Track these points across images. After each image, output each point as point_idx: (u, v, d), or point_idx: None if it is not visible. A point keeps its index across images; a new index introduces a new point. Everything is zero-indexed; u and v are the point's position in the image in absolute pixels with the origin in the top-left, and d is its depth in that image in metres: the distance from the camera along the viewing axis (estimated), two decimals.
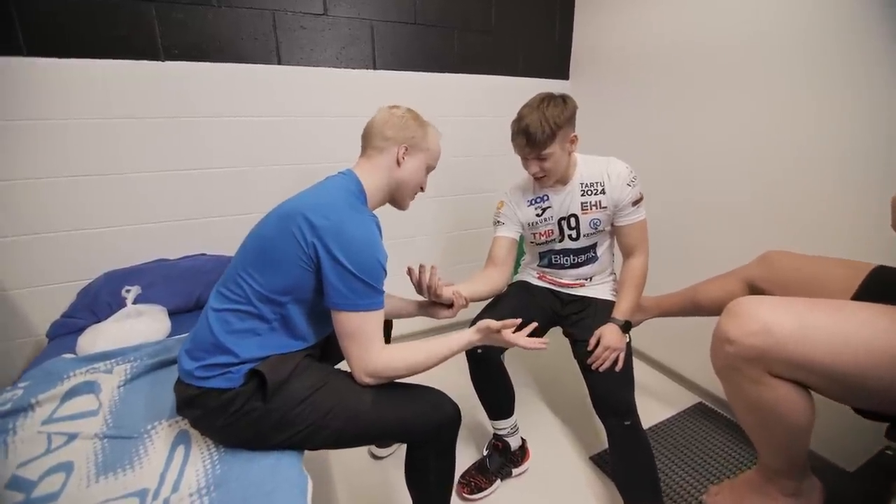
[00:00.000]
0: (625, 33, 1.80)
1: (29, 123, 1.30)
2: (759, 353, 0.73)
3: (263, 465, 0.80)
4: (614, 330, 1.23)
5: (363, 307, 0.81)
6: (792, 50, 1.30)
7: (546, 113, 1.16)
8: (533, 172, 1.24)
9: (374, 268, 0.82)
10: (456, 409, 0.93)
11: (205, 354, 0.80)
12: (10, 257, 1.36)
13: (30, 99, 1.29)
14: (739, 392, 0.80)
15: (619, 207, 1.29)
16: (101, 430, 0.88)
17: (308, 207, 0.82)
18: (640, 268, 1.32)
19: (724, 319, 0.79)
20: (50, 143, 1.33)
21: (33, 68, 1.28)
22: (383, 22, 1.70)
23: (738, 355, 0.76)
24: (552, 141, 1.17)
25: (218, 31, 1.47)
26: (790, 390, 0.74)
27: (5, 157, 1.29)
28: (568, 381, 1.74)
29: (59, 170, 1.36)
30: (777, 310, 0.74)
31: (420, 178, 1.03)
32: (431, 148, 1.02)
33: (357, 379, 0.85)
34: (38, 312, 1.40)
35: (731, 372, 0.79)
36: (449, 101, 1.89)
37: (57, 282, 1.43)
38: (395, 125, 0.97)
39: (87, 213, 1.43)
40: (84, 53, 1.32)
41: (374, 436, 0.88)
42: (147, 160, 1.47)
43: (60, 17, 1.28)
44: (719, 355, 0.80)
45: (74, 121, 1.35)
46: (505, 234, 1.36)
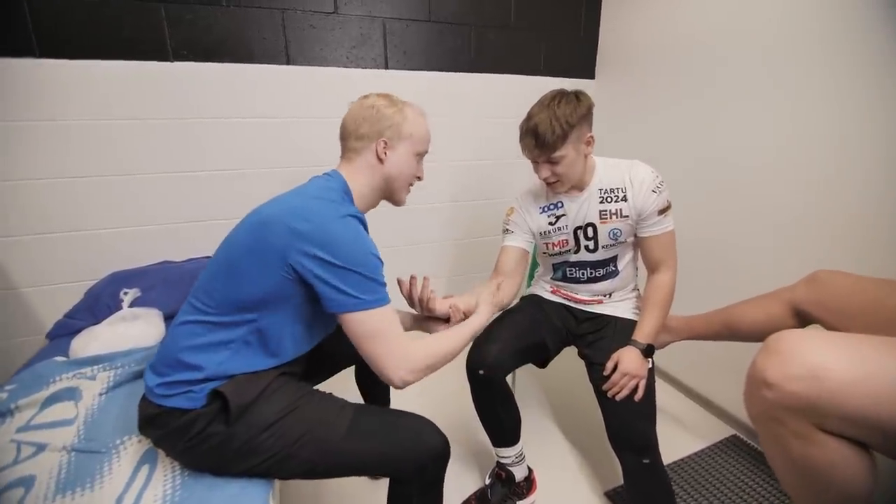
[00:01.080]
0: (657, 26, 1.65)
1: (39, 124, 1.31)
2: (806, 404, 0.59)
3: (226, 493, 0.73)
4: (634, 354, 1.10)
5: (373, 303, 0.75)
6: (852, 40, 1.13)
7: (557, 111, 1.05)
8: (544, 177, 1.12)
9: (369, 260, 0.76)
10: (443, 443, 0.83)
11: (168, 370, 0.74)
12: (18, 256, 1.38)
13: (42, 100, 1.31)
14: (780, 447, 0.66)
15: (642, 217, 1.15)
16: (71, 443, 0.84)
17: (287, 213, 0.75)
18: (666, 285, 1.18)
19: (761, 357, 0.65)
20: (58, 143, 1.34)
21: (46, 69, 1.29)
22: (396, 20, 1.64)
23: (778, 403, 0.62)
24: (564, 142, 1.06)
25: (226, 31, 1.45)
26: (846, 451, 0.60)
27: (15, 157, 1.31)
28: (583, 406, 1.60)
29: (65, 170, 1.37)
30: (830, 349, 0.60)
31: (410, 169, 0.94)
32: (415, 133, 0.92)
33: (397, 381, 0.77)
34: (45, 311, 1.42)
35: (770, 422, 0.65)
36: (464, 101, 1.80)
37: (66, 281, 1.44)
38: (368, 119, 0.88)
39: (95, 213, 1.43)
40: (94, 55, 1.33)
41: (348, 469, 0.79)
42: (155, 162, 1.46)
43: (72, 19, 1.29)
44: (755, 401, 0.66)
45: (82, 122, 1.36)
46: (513, 243, 1.25)
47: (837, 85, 1.16)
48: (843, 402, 0.57)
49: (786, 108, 1.29)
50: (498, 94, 1.84)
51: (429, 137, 0.97)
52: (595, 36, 1.94)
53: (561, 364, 1.43)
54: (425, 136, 0.96)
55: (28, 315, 1.44)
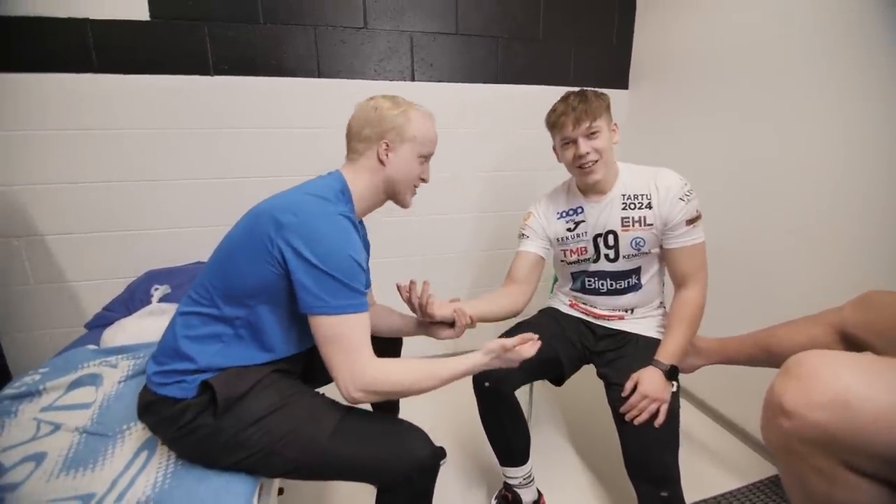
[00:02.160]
0: (694, 34, 1.58)
1: (94, 133, 1.44)
2: (831, 436, 0.51)
3: (212, 486, 0.74)
4: (656, 375, 1.01)
5: (340, 309, 0.73)
6: None
7: (587, 92, 1.08)
8: (582, 153, 1.06)
9: (347, 264, 0.73)
10: (433, 454, 0.79)
11: (165, 359, 0.77)
12: (73, 251, 1.51)
13: (98, 110, 1.44)
14: (799, 484, 0.57)
15: (668, 226, 1.08)
16: (83, 425, 0.89)
17: (277, 206, 0.76)
18: (693, 301, 1.09)
19: (780, 381, 0.57)
20: (111, 150, 1.47)
21: (101, 83, 1.42)
22: (423, 33, 1.67)
23: (798, 434, 0.54)
24: (602, 112, 1.06)
25: (263, 47, 1.54)
26: (876, 494, 0.51)
27: (72, 161, 1.44)
28: (602, 429, 1.49)
29: (115, 174, 1.49)
30: (860, 373, 0.52)
31: (413, 171, 0.92)
32: (419, 135, 0.90)
33: (345, 395, 0.74)
34: (91, 304, 1.53)
35: (789, 456, 0.57)
36: (490, 112, 1.80)
37: (112, 277, 1.55)
38: (371, 121, 0.88)
39: (140, 214, 1.54)
40: (143, 70, 1.45)
41: (333, 472, 0.77)
42: (195, 168, 1.56)
43: (126, 39, 1.41)
44: (772, 430, 0.58)
45: (133, 131, 1.48)
46: (528, 248, 1.21)
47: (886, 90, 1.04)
48: (873, 435, 0.48)
49: (830, 117, 1.17)
50: (525, 105, 1.82)
51: (434, 139, 0.96)
52: (629, 45, 1.88)
53: (580, 382, 1.35)
54: (430, 138, 0.94)
55: (77, 306, 1.56)
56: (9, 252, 1.46)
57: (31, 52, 1.35)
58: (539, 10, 1.76)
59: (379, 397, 0.76)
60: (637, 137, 1.89)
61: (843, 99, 1.14)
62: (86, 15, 1.36)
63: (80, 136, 1.44)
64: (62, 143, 1.43)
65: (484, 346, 0.84)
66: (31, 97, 1.37)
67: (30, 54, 1.35)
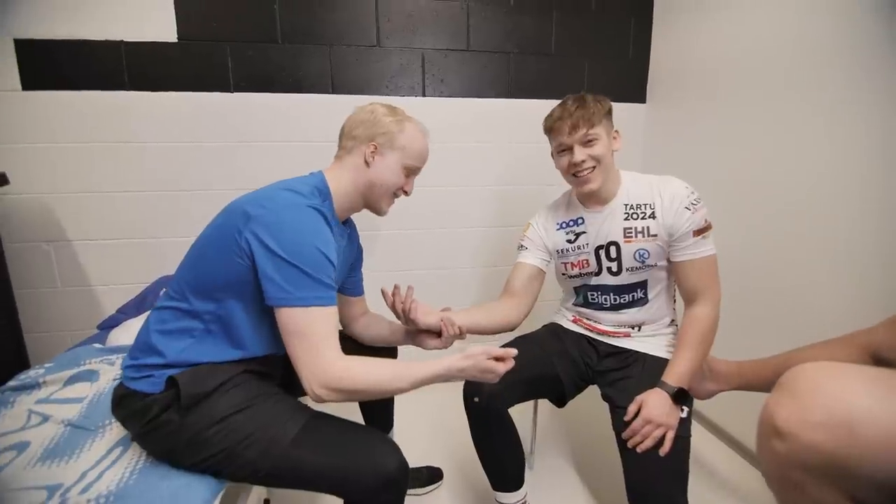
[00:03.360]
0: (713, 47, 1.52)
1: (120, 145, 1.54)
2: (831, 461, 0.43)
3: (173, 486, 0.73)
4: (662, 398, 0.93)
5: (305, 301, 0.71)
6: None
7: (587, 98, 1.02)
8: (578, 161, 1.02)
9: (313, 256, 0.72)
10: (401, 468, 0.75)
11: (138, 353, 0.78)
12: (95, 257, 1.59)
13: (127, 124, 1.54)
14: None
15: (674, 237, 1.01)
16: (70, 417, 0.90)
17: (249, 200, 0.77)
18: (705, 319, 1.00)
19: (773, 397, 0.50)
20: (134, 161, 1.56)
21: (132, 99, 1.52)
22: (434, 50, 1.70)
23: (794, 459, 0.46)
24: (599, 122, 1.00)
25: (280, 65, 1.61)
26: None
27: (98, 172, 1.54)
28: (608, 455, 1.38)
29: (137, 184, 1.57)
30: (866, 388, 0.44)
31: (395, 180, 0.92)
32: (409, 146, 0.91)
33: (310, 392, 0.72)
34: (110, 307, 1.60)
35: (786, 486, 0.49)
36: (501, 127, 1.79)
37: (130, 282, 1.62)
38: (364, 122, 0.90)
39: (159, 223, 1.61)
40: (171, 88, 1.55)
41: (294, 479, 0.74)
42: (213, 179, 1.63)
43: (157, 59, 1.52)
44: (765, 454, 0.50)
45: (156, 144, 1.57)
46: (527, 260, 1.16)
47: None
48: (882, 461, 0.40)
49: (853, 128, 1.08)
50: (537, 119, 1.78)
51: (423, 155, 0.96)
52: (645, 58, 1.84)
53: (586, 404, 1.27)
54: (419, 153, 0.94)
55: (98, 309, 1.64)
56: (40, 256, 1.56)
57: (72, 71, 1.47)
58: (551, 25, 1.76)
59: (345, 396, 0.72)
60: (656, 151, 1.82)
61: (866, 110, 1.06)
62: (121, 38, 1.48)
63: (109, 149, 1.54)
64: (93, 154, 1.53)
65: (469, 350, 0.78)
66: (70, 112, 1.49)
67: (70, 73, 1.47)
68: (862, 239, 1.09)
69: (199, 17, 1.53)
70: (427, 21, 1.68)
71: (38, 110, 1.47)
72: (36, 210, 1.53)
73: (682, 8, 1.66)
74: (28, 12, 1.41)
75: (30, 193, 1.51)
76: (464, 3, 1.69)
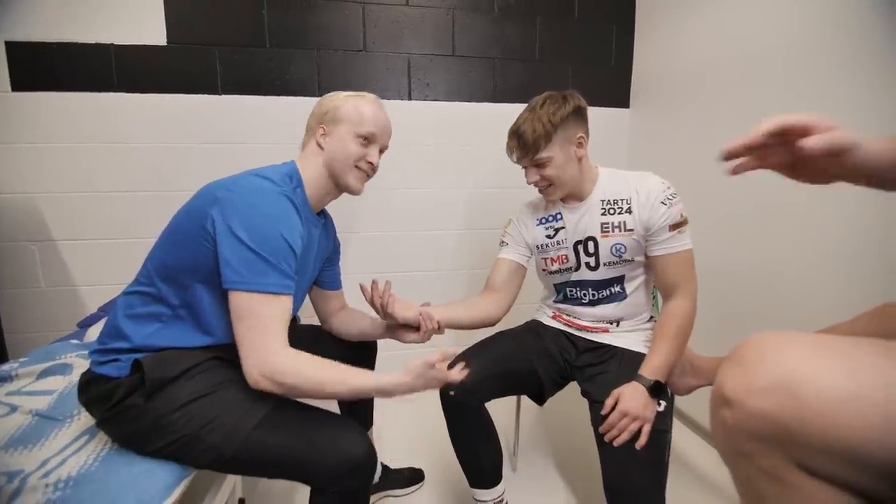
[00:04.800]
0: (694, 52, 1.55)
1: (107, 146, 1.56)
2: (778, 427, 0.43)
3: (135, 471, 0.72)
4: (638, 391, 0.93)
5: (259, 286, 0.70)
6: None
7: (539, 112, 1.00)
8: (532, 181, 1.06)
9: (275, 241, 0.71)
10: (367, 453, 0.74)
11: (106, 338, 0.77)
12: (82, 257, 1.60)
13: (115, 125, 1.55)
14: (751, 492, 0.48)
15: (651, 232, 1.02)
16: (38, 408, 0.89)
17: (219, 184, 0.77)
18: (681, 313, 1.00)
19: (723, 367, 0.50)
20: (123, 162, 1.57)
21: (121, 101, 1.54)
22: (420, 55, 1.74)
23: (742, 428, 0.46)
24: (547, 142, 0.99)
25: (268, 68, 1.64)
26: (838, 501, 0.42)
27: (84, 172, 1.55)
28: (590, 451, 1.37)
29: (124, 184, 1.59)
30: (811, 354, 0.44)
31: (348, 151, 0.89)
32: (352, 114, 0.89)
33: (249, 378, 0.71)
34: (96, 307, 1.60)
35: (739, 459, 0.48)
36: (486, 131, 1.81)
37: (117, 282, 1.61)
38: (314, 112, 0.93)
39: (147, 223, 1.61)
40: (160, 90, 1.57)
41: (259, 466, 0.73)
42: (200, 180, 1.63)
43: (147, 61, 1.55)
44: (716, 426, 0.50)
45: (146, 144, 1.58)
46: (508, 256, 1.17)
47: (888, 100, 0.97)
48: (826, 427, 0.40)
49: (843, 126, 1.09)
50: None
51: (374, 120, 0.92)
52: (628, 64, 1.88)
53: (565, 401, 1.26)
54: (365, 118, 0.90)
55: (82, 310, 1.63)
56: (24, 256, 1.56)
57: (62, 73, 1.50)
58: (535, 32, 1.80)
59: (283, 390, 0.71)
60: (640, 155, 1.85)
61: (842, 109, 1.07)
62: (110, 41, 1.51)
63: (97, 150, 1.55)
64: (80, 155, 1.54)
65: (409, 365, 0.76)
66: (58, 113, 1.51)
67: (60, 75, 1.50)
68: (837, 235, 1.09)
69: (188, 21, 1.56)
70: (413, 27, 1.71)
71: (26, 111, 1.49)
72: (22, 210, 1.54)
73: (662, 15, 1.70)
74: (18, 14, 1.44)
75: (16, 193, 1.53)
76: (449, 10, 1.73)
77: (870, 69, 1.01)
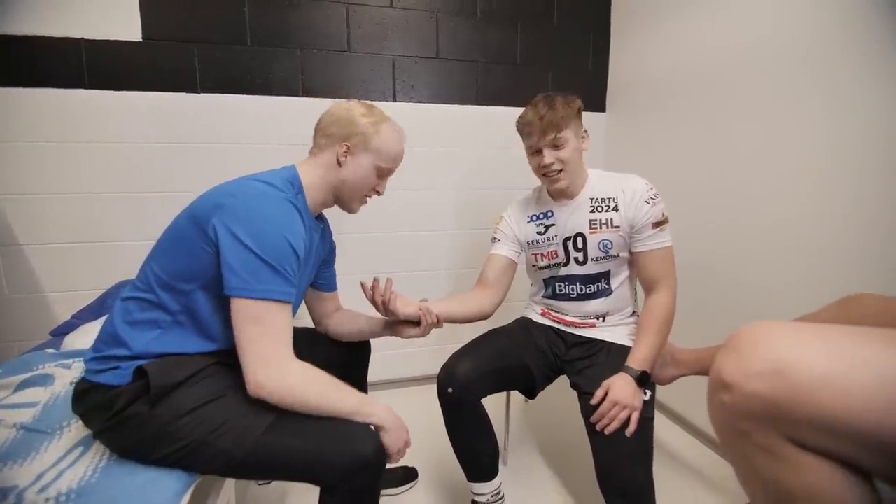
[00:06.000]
0: (667, 57, 1.64)
1: (80, 145, 1.48)
2: (770, 407, 0.48)
3: (138, 480, 0.70)
4: (626, 382, 0.98)
5: (263, 294, 0.70)
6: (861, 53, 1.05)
7: (556, 101, 1.07)
8: (547, 163, 1.08)
9: (280, 247, 0.71)
10: (375, 451, 0.75)
11: (102, 346, 0.75)
12: (48, 262, 1.51)
13: (86, 124, 1.48)
14: (748, 467, 0.53)
15: (635, 228, 1.08)
16: (23, 421, 0.85)
17: (220, 190, 0.77)
18: (663, 306, 1.07)
19: (720, 355, 0.55)
20: (95, 162, 1.50)
21: (92, 98, 1.48)
22: (405, 57, 1.75)
23: (739, 409, 0.51)
24: (568, 123, 1.05)
25: (249, 67, 1.61)
26: (829, 473, 0.47)
27: (56, 173, 1.48)
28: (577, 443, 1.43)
29: (97, 186, 1.52)
30: (799, 340, 0.49)
31: (367, 181, 0.92)
32: (383, 149, 0.91)
33: (248, 384, 0.71)
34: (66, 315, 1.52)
35: (735, 437, 0.53)
36: (469, 133, 1.85)
37: (88, 288, 1.54)
38: (340, 120, 0.89)
39: (121, 226, 1.55)
40: (134, 87, 1.51)
41: (269, 468, 0.73)
42: (178, 181, 1.59)
43: (120, 58, 1.49)
44: (715, 408, 0.55)
45: (120, 144, 1.52)
46: (500, 252, 1.21)
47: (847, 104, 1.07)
48: (811, 403, 0.46)
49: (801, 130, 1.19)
50: (502, 126, 1.85)
51: (398, 157, 0.95)
52: (605, 69, 1.96)
53: (554, 395, 1.31)
54: (393, 155, 0.93)
55: (51, 318, 1.54)
56: None
57: (27, 68, 1.41)
58: (516, 37, 1.84)
59: (279, 400, 0.72)
60: (616, 158, 1.93)
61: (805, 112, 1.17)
62: (80, 35, 1.44)
63: (65, 149, 1.48)
64: (47, 154, 1.46)
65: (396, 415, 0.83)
66: (23, 110, 1.43)
67: (25, 70, 1.41)
68: (807, 231, 1.18)
69: (164, 17, 1.51)
70: (397, 29, 1.72)
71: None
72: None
73: (637, 23, 1.79)
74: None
75: None
76: (433, 13, 1.75)
77: (836, 75, 1.10)
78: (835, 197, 1.12)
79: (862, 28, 1.04)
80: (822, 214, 1.15)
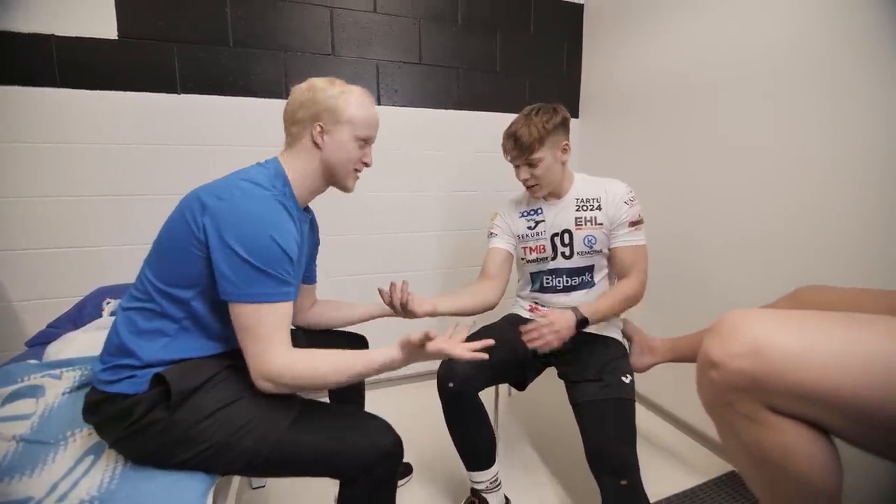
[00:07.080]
0: (634, 65, 1.76)
1: (54, 146, 1.42)
2: (751, 380, 0.57)
3: (161, 483, 0.71)
4: (569, 315, 1.08)
5: (254, 298, 0.71)
6: (810, 70, 1.19)
7: (534, 119, 1.14)
8: (523, 179, 1.19)
9: (269, 249, 0.71)
10: (394, 443, 0.80)
11: (110, 357, 0.75)
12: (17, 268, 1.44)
13: (59, 124, 1.42)
14: (733, 434, 0.62)
15: (614, 226, 1.18)
16: (21, 433, 0.83)
17: (206, 191, 0.76)
18: (629, 285, 1.18)
19: (706, 339, 0.64)
20: (72, 164, 1.44)
21: (65, 97, 1.41)
22: (388, 62, 1.78)
23: (725, 384, 0.59)
24: (540, 146, 1.13)
25: (231, 68, 1.59)
26: (800, 433, 0.56)
27: (28, 175, 1.41)
28: (566, 432, 1.52)
29: (73, 189, 1.46)
30: (773, 323, 0.59)
31: (350, 155, 0.87)
32: (357, 117, 0.85)
33: (255, 384, 0.73)
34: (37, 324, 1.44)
35: (721, 408, 0.62)
36: (451, 136, 1.90)
37: (61, 295, 1.48)
38: (305, 103, 0.83)
39: (97, 231, 1.50)
40: (110, 86, 1.46)
41: (292, 464, 0.75)
42: (156, 184, 1.55)
43: (95, 56, 1.43)
44: (704, 384, 0.64)
45: (97, 145, 1.47)
46: (499, 245, 1.29)
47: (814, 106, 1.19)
48: (785, 375, 0.55)
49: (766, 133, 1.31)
50: (484, 130, 1.94)
51: (373, 122, 0.90)
52: (577, 75, 2.07)
53: (543, 389, 1.39)
54: (368, 121, 0.88)
55: (20, 327, 1.47)
56: None
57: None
58: (496, 45, 1.92)
59: (288, 389, 0.74)
60: (589, 161, 2.04)
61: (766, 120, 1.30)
62: (51, 31, 1.38)
63: (35, 150, 1.41)
64: (14, 155, 1.39)
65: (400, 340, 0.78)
66: None
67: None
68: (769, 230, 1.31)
69: (142, 14, 1.47)
70: (381, 34, 1.75)
71: None
72: None
73: (607, 32, 1.90)
74: None
75: None
76: (416, 20, 1.79)
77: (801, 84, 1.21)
78: (786, 196, 1.26)
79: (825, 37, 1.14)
80: (773, 215, 1.29)
